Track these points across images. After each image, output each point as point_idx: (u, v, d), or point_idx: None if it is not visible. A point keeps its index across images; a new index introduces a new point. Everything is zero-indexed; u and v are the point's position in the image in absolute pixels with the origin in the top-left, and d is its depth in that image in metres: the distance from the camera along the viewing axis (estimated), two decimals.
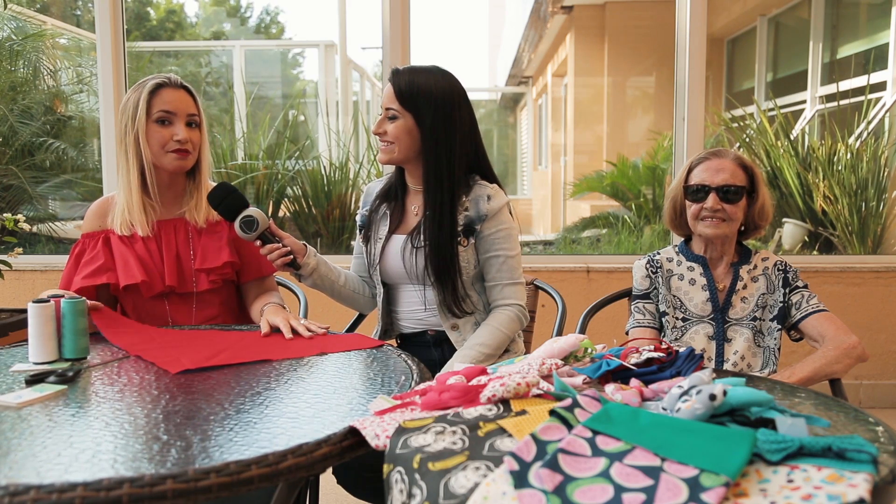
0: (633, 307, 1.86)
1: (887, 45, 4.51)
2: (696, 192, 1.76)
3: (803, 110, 5.36)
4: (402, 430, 0.90)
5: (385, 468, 0.86)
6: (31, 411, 1.06)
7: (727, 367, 1.74)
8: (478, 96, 12.25)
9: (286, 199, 4.59)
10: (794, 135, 4.70)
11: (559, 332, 1.82)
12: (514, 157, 11.76)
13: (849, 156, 4.00)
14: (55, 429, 0.98)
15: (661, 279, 1.83)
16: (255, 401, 1.10)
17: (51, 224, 4.36)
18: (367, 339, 1.51)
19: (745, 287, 1.78)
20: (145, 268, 1.69)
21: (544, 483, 0.76)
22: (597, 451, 0.82)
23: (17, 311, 2.63)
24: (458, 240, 1.66)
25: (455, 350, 1.69)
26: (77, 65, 4.83)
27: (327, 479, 1.65)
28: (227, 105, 6.22)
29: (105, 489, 0.78)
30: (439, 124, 1.63)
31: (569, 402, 0.93)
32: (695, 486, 0.73)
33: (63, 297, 1.41)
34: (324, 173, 4.53)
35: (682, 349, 1.18)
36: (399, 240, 1.72)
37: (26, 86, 4.46)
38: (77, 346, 1.36)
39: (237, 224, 1.59)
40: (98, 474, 0.82)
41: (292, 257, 1.65)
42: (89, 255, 1.71)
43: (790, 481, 0.75)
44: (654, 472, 0.76)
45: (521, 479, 0.76)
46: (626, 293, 1.94)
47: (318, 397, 1.11)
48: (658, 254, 1.87)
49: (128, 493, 0.78)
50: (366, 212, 1.81)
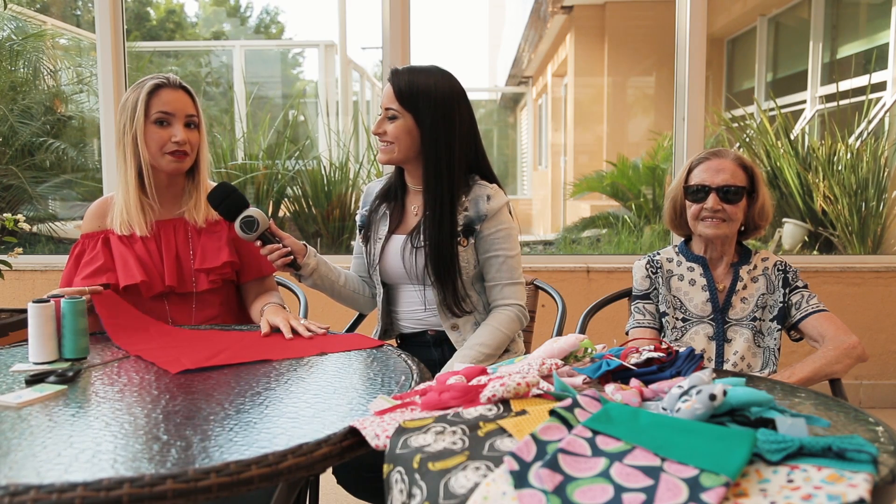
0: (633, 307, 1.86)
1: (887, 45, 4.51)
2: (696, 193, 1.76)
3: (803, 110, 5.36)
4: (402, 430, 0.90)
5: (385, 468, 0.86)
6: (31, 411, 1.06)
7: (727, 367, 1.74)
8: (478, 96, 12.24)
9: (286, 199, 4.59)
10: (794, 135, 4.70)
11: (559, 332, 1.82)
12: (514, 157, 11.75)
13: (849, 156, 4.00)
14: (55, 429, 0.98)
15: (661, 279, 1.83)
16: (255, 401, 1.10)
17: (51, 224, 4.36)
18: (367, 339, 1.51)
19: (744, 287, 1.78)
20: (145, 268, 1.69)
21: (544, 483, 0.76)
22: (597, 451, 0.82)
23: (17, 311, 2.63)
24: (458, 240, 1.66)
25: (455, 350, 1.69)
26: (77, 65, 4.83)
27: (327, 479, 1.65)
28: (227, 105, 6.22)
29: (105, 489, 0.78)
30: (439, 124, 1.63)
31: (569, 402, 0.93)
32: (695, 486, 0.73)
33: (63, 297, 1.41)
34: (324, 173, 4.54)
35: (681, 349, 1.18)
36: (399, 240, 1.72)
37: (26, 86, 4.46)
38: (77, 346, 1.36)
39: (237, 224, 1.59)
40: (98, 474, 0.82)
41: (292, 257, 1.65)
42: (89, 255, 1.71)
43: (790, 481, 0.75)
44: (654, 472, 0.77)
45: (521, 479, 0.76)
46: (626, 293, 1.94)
47: (318, 397, 1.11)
48: (658, 254, 1.87)
49: (128, 493, 0.78)
50: (365, 212, 1.81)
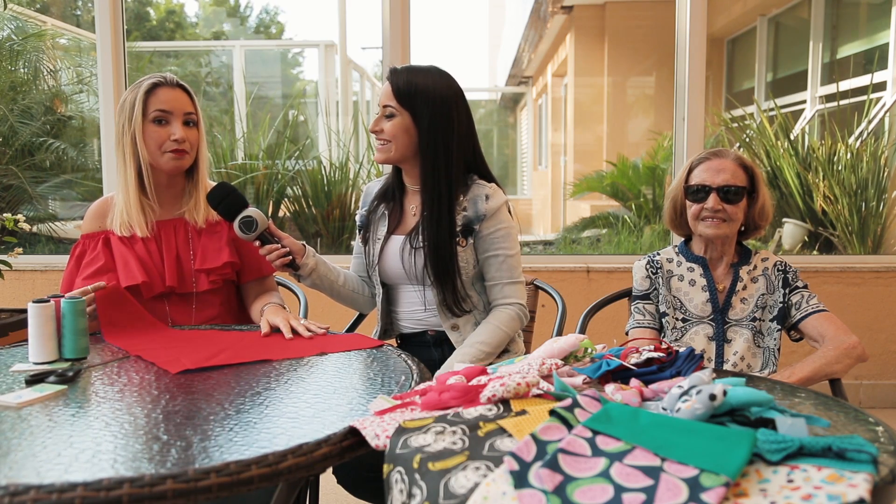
0: (632, 307, 1.86)
1: (887, 45, 4.51)
2: (696, 193, 1.76)
3: (803, 110, 5.36)
4: (402, 430, 0.90)
5: (385, 468, 0.86)
6: (31, 411, 1.06)
7: (727, 367, 1.74)
8: (478, 96, 12.24)
9: (286, 199, 4.59)
10: (794, 135, 4.70)
11: (559, 332, 1.82)
12: (514, 157, 11.75)
13: (849, 156, 4.00)
14: (55, 429, 0.98)
15: (661, 280, 1.83)
16: (255, 401, 1.10)
17: (51, 224, 4.37)
18: (367, 339, 1.51)
19: (744, 288, 1.78)
20: (145, 268, 1.68)
21: (544, 483, 0.76)
22: (597, 451, 0.82)
23: (17, 311, 2.64)
24: (457, 240, 1.66)
25: (455, 350, 1.69)
26: (77, 65, 4.83)
27: (327, 479, 1.65)
28: (227, 105, 6.21)
29: (105, 489, 0.78)
30: (437, 123, 1.63)
31: (569, 402, 0.93)
32: (695, 486, 0.73)
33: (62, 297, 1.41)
34: (324, 173, 4.54)
35: (681, 349, 1.18)
36: (398, 240, 1.71)
37: (26, 86, 4.46)
38: (77, 346, 1.36)
39: (236, 224, 1.59)
40: (98, 474, 0.82)
41: (291, 258, 1.65)
42: (90, 256, 1.71)
43: (790, 481, 0.75)
44: (654, 472, 0.76)
45: (521, 479, 0.76)
46: (626, 293, 1.94)
47: (318, 397, 1.11)
48: (658, 254, 1.87)
49: (128, 493, 0.78)
50: (364, 212, 1.81)
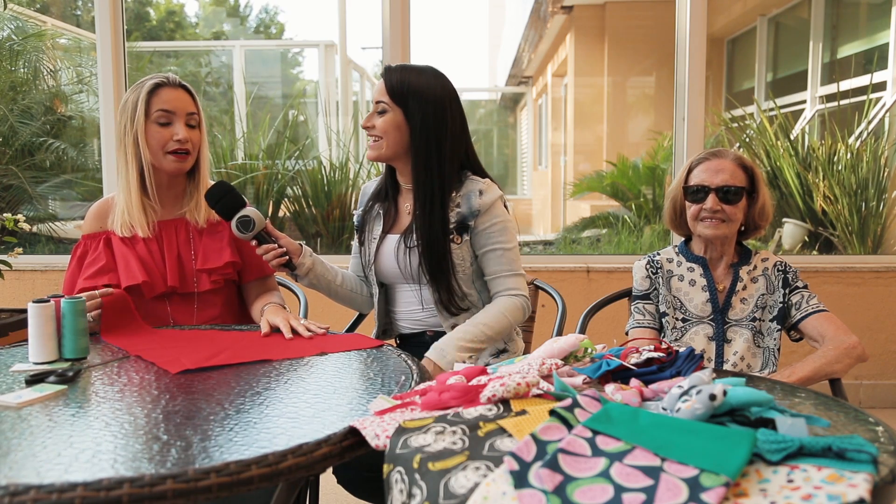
0: (632, 308, 1.86)
1: (887, 45, 4.51)
2: (695, 193, 1.76)
3: (803, 110, 5.36)
4: (402, 430, 0.90)
5: (385, 468, 0.86)
6: (31, 411, 1.06)
7: (727, 367, 1.74)
8: (478, 96, 12.23)
9: (286, 199, 4.59)
10: (794, 135, 4.70)
11: (559, 332, 1.81)
12: (514, 157, 11.74)
13: (849, 156, 4.00)
14: (55, 429, 0.98)
15: (661, 280, 1.83)
16: (255, 401, 1.10)
17: (51, 224, 4.37)
18: (367, 339, 1.51)
19: (744, 288, 1.77)
20: (146, 268, 1.68)
21: (544, 483, 0.76)
22: (597, 451, 0.82)
23: (17, 311, 2.64)
24: (452, 237, 1.65)
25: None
26: (77, 65, 4.83)
27: (327, 479, 1.65)
28: (227, 105, 6.22)
29: (105, 489, 0.78)
30: (429, 121, 1.63)
31: (569, 402, 0.93)
32: (695, 486, 0.73)
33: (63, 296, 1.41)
34: (324, 173, 4.54)
35: (682, 349, 1.18)
36: (393, 240, 1.71)
37: (26, 86, 4.46)
38: (77, 346, 1.36)
39: (234, 223, 1.60)
40: (98, 474, 0.82)
41: (288, 258, 1.65)
42: (91, 256, 1.71)
43: (790, 481, 0.75)
44: (654, 472, 0.76)
45: (521, 479, 0.76)
46: (626, 293, 1.94)
47: (318, 397, 1.11)
48: (658, 254, 1.87)
49: (128, 493, 0.78)
50: (360, 212, 1.81)
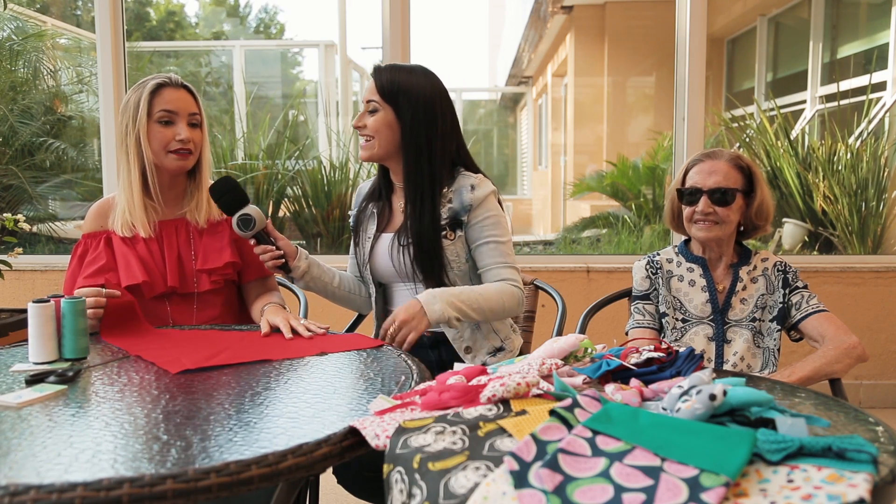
0: (632, 308, 1.86)
1: (887, 45, 4.51)
2: (689, 195, 1.76)
3: (803, 110, 5.36)
4: (402, 430, 0.90)
5: (385, 468, 0.86)
6: (31, 411, 1.06)
7: (727, 368, 1.74)
8: (478, 96, 12.23)
9: (286, 200, 4.59)
10: (794, 135, 4.70)
11: (559, 332, 1.81)
12: (514, 157, 11.74)
13: (849, 156, 4.01)
14: (55, 429, 0.98)
15: (661, 280, 1.83)
16: (255, 401, 1.10)
17: (51, 224, 4.37)
18: (367, 339, 1.51)
19: (744, 288, 1.77)
20: (147, 268, 1.68)
21: (544, 483, 0.76)
22: (597, 451, 0.82)
23: (17, 311, 2.64)
24: (445, 233, 1.64)
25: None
26: (77, 65, 4.83)
27: (327, 479, 1.65)
28: (227, 105, 6.22)
29: (105, 489, 0.78)
30: (420, 120, 1.63)
31: (569, 402, 0.93)
32: (695, 486, 0.73)
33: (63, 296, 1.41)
34: (324, 173, 4.53)
35: (682, 349, 1.18)
36: (387, 238, 1.71)
37: (26, 86, 4.46)
38: (77, 346, 1.36)
39: (234, 220, 1.60)
40: (98, 474, 0.82)
41: (284, 261, 1.65)
42: (91, 255, 1.71)
43: (790, 481, 0.75)
44: (654, 472, 0.76)
45: (521, 479, 0.76)
46: (626, 293, 1.94)
47: (318, 397, 1.11)
48: (658, 254, 1.87)
49: (128, 493, 0.78)
50: (356, 212, 1.82)
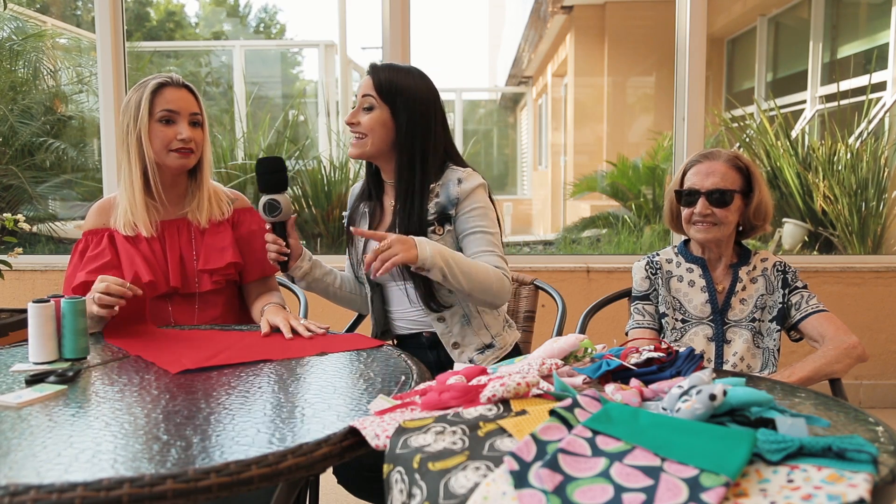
0: (632, 308, 1.86)
1: (887, 45, 4.51)
2: (686, 197, 1.75)
3: (803, 110, 5.36)
4: (402, 430, 0.90)
5: (385, 468, 0.86)
6: (31, 411, 1.06)
7: (726, 368, 1.74)
8: (478, 96, 12.23)
9: None
10: (794, 135, 4.70)
11: (559, 332, 1.81)
12: (514, 157, 11.75)
13: (849, 156, 4.01)
14: (55, 429, 0.98)
15: (660, 280, 1.83)
16: (255, 401, 1.10)
17: (51, 224, 4.37)
18: (367, 339, 1.51)
19: (744, 288, 1.77)
20: (150, 268, 1.68)
21: (544, 483, 0.76)
22: (597, 451, 0.82)
23: (17, 311, 2.64)
24: (433, 228, 1.64)
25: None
26: (77, 65, 4.84)
27: (327, 479, 1.65)
28: (227, 105, 6.22)
29: (105, 489, 0.78)
30: (415, 122, 1.63)
31: (569, 402, 0.93)
32: (695, 486, 0.73)
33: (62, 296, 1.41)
34: (324, 173, 4.54)
35: (682, 349, 1.18)
36: None
37: (26, 86, 4.46)
38: (77, 346, 1.36)
39: (263, 201, 1.60)
40: (98, 474, 0.82)
41: (286, 259, 1.65)
42: (94, 250, 1.70)
43: (790, 481, 0.75)
44: (654, 472, 0.76)
45: (521, 479, 0.76)
46: (626, 293, 1.94)
47: (318, 397, 1.11)
48: (657, 255, 1.87)
49: (128, 493, 0.78)
50: (349, 213, 1.81)
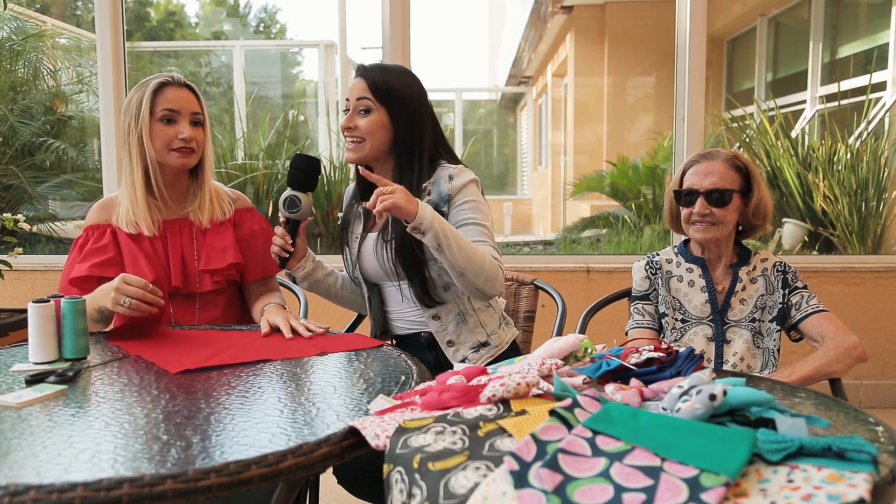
0: (632, 308, 1.86)
1: (887, 45, 4.51)
2: (685, 197, 1.75)
3: (803, 110, 5.36)
4: (402, 430, 0.90)
5: (385, 468, 0.86)
6: (31, 411, 1.06)
7: (726, 368, 1.74)
8: (478, 96, 12.23)
9: None
10: (794, 135, 4.70)
11: (559, 332, 1.81)
12: (514, 157, 11.75)
13: (849, 156, 4.01)
14: (55, 429, 0.98)
15: (660, 280, 1.83)
16: (255, 401, 1.10)
17: (51, 224, 4.37)
18: (367, 339, 1.51)
19: (744, 288, 1.77)
20: (153, 267, 1.68)
21: (544, 483, 0.76)
22: (597, 451, 0.82)
23: (17, 311, 2.64)
24: None
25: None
26: (77, 65, 4.84)
27: (327, 479, 1.65)
28: (227, 105, 6.22)
29: (105, 489, 0.78)
30: (413, 120, 1.63)
31: (569, 402, 0.93)
32: (695, 486, 0.73)
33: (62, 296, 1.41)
34: (324, 173, 4.54)
35: (682, 349, 1.18)
36: (373, 237, 1.71)
37: (26, 86, 4.46)
38: (77, 346, 1.36)
39: (287, 194, 1.61)
40: (98, 474, 0.82)
41: (287, 256, 1.64)
42: (94, 244, 1.70)
43: (790, 481, 0.75)
44: (654, 472, 0.76)
45: (521, 479, 0.76)
46: (626, 293, 1.94)
47: (318, 397, 1.11)
48: (657, 255, 1.87)
49: (128, 493, 0.78)
50: (344, 213, 1.81)
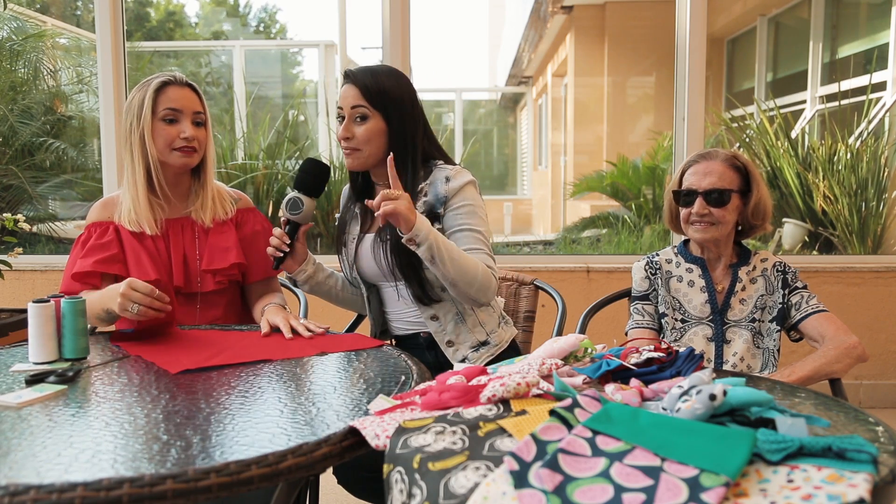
0: (632, 308, 1.86)
1: (887, 45, 4.51)
2: (684, 197, 1.75)
3: (803, 110, 5.36)
4: (402, 430, 0.90)
5: (385, 468, 0.86)
6: (31, 411, 1.06)
7: (726, 368, 1.74)
8: (478, 96, 12.24)
9: None
10: (794, 135, 4.70)
11: (559, 332, 1.81)
12: (514, 157, 11.75)
13: (849, 156, 4.01)
14: (55, 429, 0.98)
15: (660, 280, 1.83)
16: (255, 401, 1.10)
17: (51, 224, 4.37)
18: (367, 339, 1.51)
19: (743, 289, 1.77)
20: (156, 266, 1.68)
21: (544, 483, 0.76)
22: (597, 451, 0.82)
23: (17, 311, 2.64)
24: None
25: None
26: (77, 65, 4.84)
27: (327, 479, 1.65)
28: (227, 105, 6.22)
29: (105, 489, 0.78)
30: (407, 121, 1.62)
31: (569, 402, 0.93)
32: (695, 486, 0.73)
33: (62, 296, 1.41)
34: None
35: (682, 349, 1.18)
36: (369, 238, 1.70)
37: (26, 86, 4.46)
38: (77, 346, 1.36)
39: (292, 195, 1.61)
40: (98, 474, 0.82)
41: (282, 256, 1.64)
42: (97, 240, 1.70)
43: (790, 481, 0.75)
44: (654, 472, 0.76)
45: (521, 479, 0.76)
46: (626, 293, 1.94)
47: (318, 397, 1.11)
48: (657, 255, 1.87)
49: (128, 493, 0.78)
50: (341, 215, 1.81)
